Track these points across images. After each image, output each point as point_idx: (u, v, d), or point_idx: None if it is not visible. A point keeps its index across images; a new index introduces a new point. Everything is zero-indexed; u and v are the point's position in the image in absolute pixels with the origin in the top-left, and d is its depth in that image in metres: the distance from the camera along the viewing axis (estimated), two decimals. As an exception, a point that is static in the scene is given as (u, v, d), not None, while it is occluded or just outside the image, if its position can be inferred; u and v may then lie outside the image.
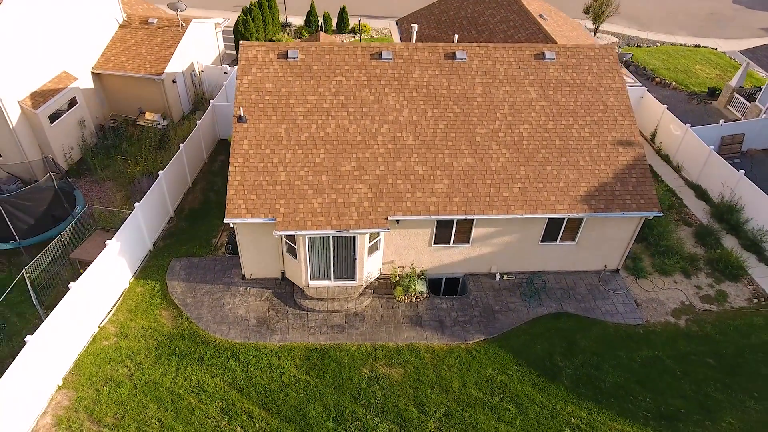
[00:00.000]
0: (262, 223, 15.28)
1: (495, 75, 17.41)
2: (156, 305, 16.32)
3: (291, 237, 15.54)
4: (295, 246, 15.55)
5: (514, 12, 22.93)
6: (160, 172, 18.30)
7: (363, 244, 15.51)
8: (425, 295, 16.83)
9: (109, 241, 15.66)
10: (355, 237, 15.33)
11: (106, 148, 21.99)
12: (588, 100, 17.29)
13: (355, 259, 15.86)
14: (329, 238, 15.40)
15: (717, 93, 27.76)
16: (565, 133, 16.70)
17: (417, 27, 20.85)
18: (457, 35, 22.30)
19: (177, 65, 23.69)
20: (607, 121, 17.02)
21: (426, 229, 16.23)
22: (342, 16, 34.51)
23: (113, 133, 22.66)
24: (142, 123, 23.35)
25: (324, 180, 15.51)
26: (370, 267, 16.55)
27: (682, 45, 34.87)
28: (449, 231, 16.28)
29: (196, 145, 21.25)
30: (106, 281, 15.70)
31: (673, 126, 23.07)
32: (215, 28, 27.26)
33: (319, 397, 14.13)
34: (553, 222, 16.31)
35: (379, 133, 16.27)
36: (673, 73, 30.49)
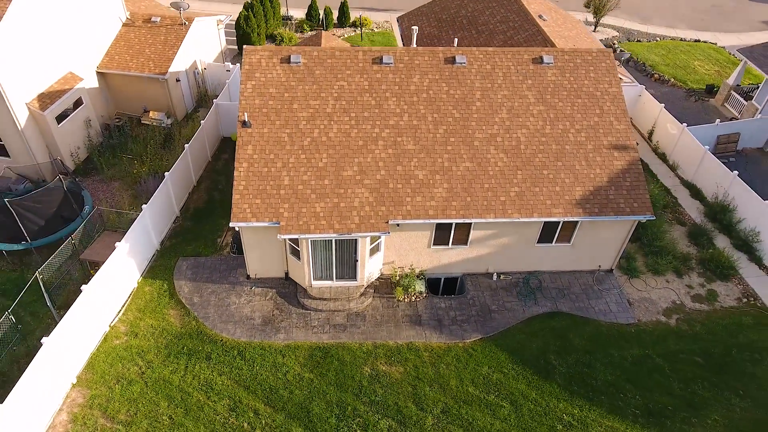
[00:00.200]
0: (267, 227, 15.77)
1: (494, 79, 17.74)
2: (164, 304, 16.89)
3: (294, 240, 16.03)
4: (299, 248, 16.05)
5: (514, 12, 23.13)
6: (166, 174, 18.74)
7: (364, 246, 16.01)
8: (424, 295, 17.37)
9: (118, 243, 16.16)
10: (356, 240, 15.83)
11: (112, 147, 22.38)
12: (585, 104, 17.63)
13: (357, 260, 16.38)
14: (331, 240, 15.89)
15: (715, 90, 28.01)
16: (562, 138, 17.09)
17: (417, 29, 21.06)
18: (456, 39, 22.57)
19: (180, 64, 23.96)
20: (602, 126, 17.38)
21: (426, 232, 16.72)
22: (343, 10, 34.61)
23: (118, 131, 23.03)
24: (146, 122, 23.70)
25: (326, 184, 15.95)
26: (371, 268, 17.07)
27: (681, 40, 34.96)
28: (448, 233, 16.77)
29: (200, 145, 21.66)
30: (116, 282, 16.25)
31: (670, 125, 23.41)
32: (217, 25, 27.44)
33: (322, 395, 14.76)
34: (549, 224, 16.77)
35: (380, 137, 16.67)
36: (672, 69, 30.69)
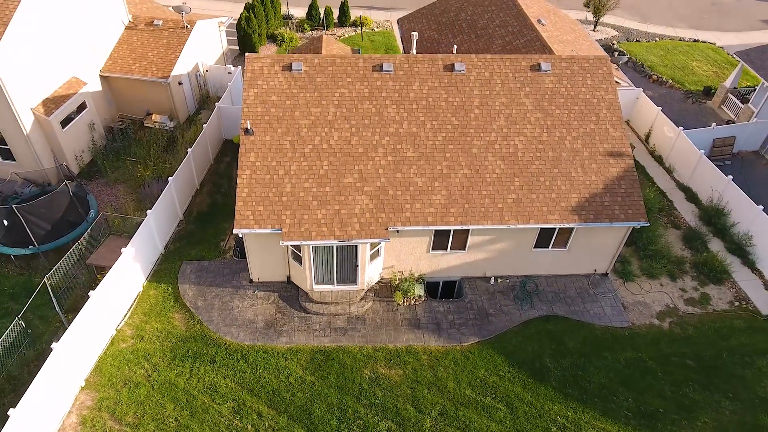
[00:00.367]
0: (269, 233, 16.14)
1: (492, 87, 18.02)
2: (169, 308, 17.29)
3: (296, 246, 16.40)
4: (300, 254, 16.43)
5: (513, 17, 23.33)
6: (170, 178, 19.07)
7: (364, 252, 16.38)
8: (423, 299, 17.77)
9: (124, 249, 16.53)
10: (357, 246, 16.20)
11: (115, 151, 22.69)
12: (581, 111, 17.92)
13: (357, 266, 16.75)
14: (332, 246, 16.26)
15: (712, 92, 28.25)
16: (558, 145, 17.40)
17: (417, 35, 21.29)
18: (456, 45, 22.80)
19: (182, 67, 24.21)
20: (598, 133, 17.68)
21: (425, 237, 17.08)
22: (343, 9, 34.77)
23: (122, 134, 23.33)
24: (149, 125, 24.00)
25: (327, 191, 16.29)
26: (371, 272, 17.45)
27: (681, 39, 35.11)
28: (446, 239, 17.13)
29: (202, 149, 21.97)
30: (122, 286, 16.64)
31: (667, 128, 23.68)
32: (219, 27, 27.65)
33: (324, 397, 15.19)
34: (546, 230, 17.13)
35: (380, 145, 16.99)
36: (671, 71, 30.89)
